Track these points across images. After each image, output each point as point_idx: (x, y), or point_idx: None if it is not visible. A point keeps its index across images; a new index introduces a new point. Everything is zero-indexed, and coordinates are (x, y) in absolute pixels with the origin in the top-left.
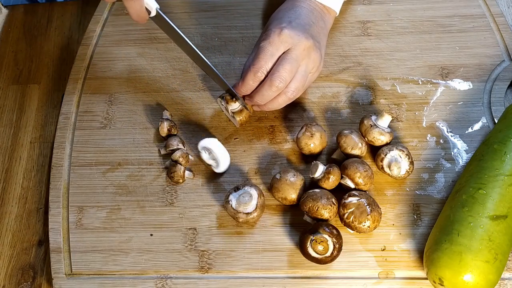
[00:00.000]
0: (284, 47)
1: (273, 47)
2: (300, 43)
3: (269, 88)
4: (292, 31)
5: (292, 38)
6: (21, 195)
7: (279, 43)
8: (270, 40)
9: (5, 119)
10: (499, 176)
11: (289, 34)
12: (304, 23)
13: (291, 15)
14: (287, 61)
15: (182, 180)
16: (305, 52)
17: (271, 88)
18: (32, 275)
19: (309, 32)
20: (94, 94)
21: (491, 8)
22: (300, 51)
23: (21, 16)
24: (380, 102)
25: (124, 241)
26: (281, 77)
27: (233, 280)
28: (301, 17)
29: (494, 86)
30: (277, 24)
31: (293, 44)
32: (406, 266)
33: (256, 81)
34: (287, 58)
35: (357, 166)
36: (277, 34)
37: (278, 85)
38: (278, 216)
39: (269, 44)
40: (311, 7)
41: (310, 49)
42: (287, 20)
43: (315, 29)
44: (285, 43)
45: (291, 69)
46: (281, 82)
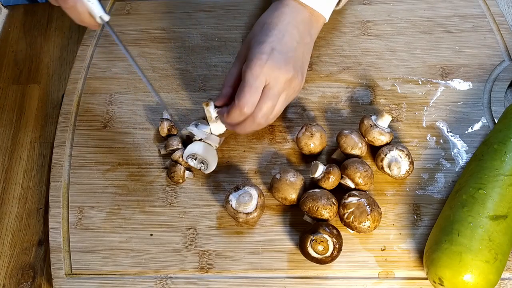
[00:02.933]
0: (266, 80)
1: (257, 81)
2: (280, 77)
3: (251, 123)
4: (273, 64)
5: (274, 72)
6: (21, 195)
7: (262, 76)
8: (253, 73)
9: (5, 119)
10: (499, 176)
11: (271, 67)
12: (287, 48)
13: (273, 38)
14: (269, 98)
15: (182, 180)
16: (286, 84)
17: (253, 123)
18: (32, 275)
19: (292, 59)
20: (94, 94)
21: (491, 8)
22: (281, 85)
23: (21, 16)
24: (380, 102)
25: (124, 241)
26: (263, 114)
27: (233, 280)
28: (284, 40)
29: (494, 86)
30: (258, 52)
31: (274, 78)
32: (406, 266)
33: (243, 117)
34: (269, 95)
35: (357, 166)
36: (260, 67)
37: (260, 121)
38: (278, 216)
39: (252, 77)
40: (298, 19)
41: (291, 80)
42: (268, 48)
43: (299, 52)
44: (267, 76)
45: (273, 105)
46: (263, 118)
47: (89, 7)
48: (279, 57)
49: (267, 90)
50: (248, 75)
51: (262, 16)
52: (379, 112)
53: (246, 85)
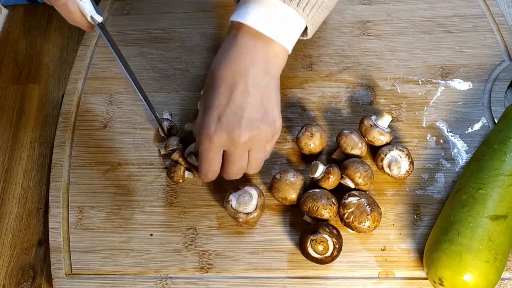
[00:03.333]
0: (222, 147)
1: (211, 153)
2: (236, 142)
3: (228, 178)
4: (222, 134)
5: (225, 141)
6: (21, 195)
7: (214, 147)
8: (205, 147)
9: (5, 119)
10: (499, 176)
11: (221, 137)
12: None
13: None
14: (232, 161)
15: (182, 180)
16: (248, 144)
17: (230, 178)
18: (32, 275)
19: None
20: (94, 94)
21: (491, 8)
22: (241, 148)
23: (21, 16)
24: (380, 102)
25: (124, 241)
26: (234, 174)
27: (233, 280)
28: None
29: (494, 86)
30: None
31: (229, 144)
32: (406, 266)
33: (211, 180)
34: (230, 160)
35: (357, 166)
36: (209, 141)
37: (235, 177)
38: (278, 216)
39: (205, 151)
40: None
41: (251, 139)
42: (215, 116)
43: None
44: (220, 146)
45: (240, 166)
46: (236, 175)
47: (80, 6)
48: (227, 123)
49: (228, 155)
50: (201, 148)
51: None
52: (379, 112)
53: (202, 158)
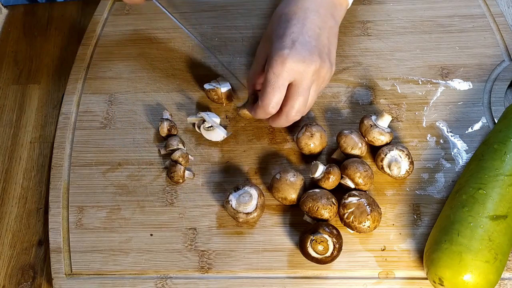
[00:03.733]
0: (291, 77)
1: (280, 79)
2: (308, 70)
3: (285, 120)
4: (297, 57)
5: (299, 66)
6: (21, 195)
7: (285, 73)
8: (275, 71)
9: (5, 119)
10: (499, 176)
11: (294, 62)
12: (309, 38)
13: (293, 29)
14: (299, 94)
15: (182, 180)
16: (315, 75)
17: (287, 120)
18: (32, 275)
19: (316, 48)
20: (94, 94)
21: (491, 8)
22: (309, 78)
23: (21, 16)
24: (380, 102)
25: (124, 241)
26: (296, 111)
27: (233, 280)
28: (305, 29)
29: (494, 86)
30: (279, 48)
31: (300, 73)
32: (406, 266)
33: (268, 115)
34: (299, 92)
35: (357, 166)
36: (281, 64)
37: (294, 118)
38: (278, 216)
39: (274, 76)
40: (318, 3)
41: (319, 70)
42: (289, 41)
43: (323, 38)
44: (291, 72)
45: (305, 100)
46: (296, 114)
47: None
48: (302, 49)
49: (295, 86)
50: (270, 74)
51: (278, 6)
52: (379, 112)
53: (268, 85)
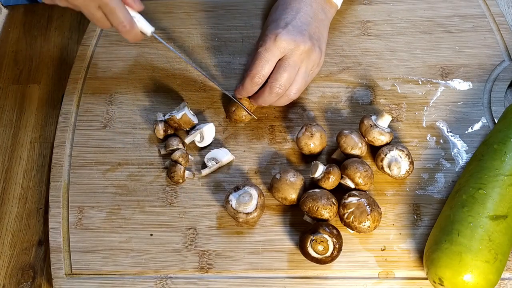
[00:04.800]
0: (280, 53)
1: (269, 54)
2: (297, 48)
3: (269, 94)
4: (288, 36)
5: (289, 44)
6: (21, 195)
7: (275, 49)
8: (266, 46)
9: (5, 119)
10: (499, 176)
11: (285, 39)
12: (301, 23)
13: (287, 16)
14: (285, 68)
15: (182, 180)
16: (304, 55)
17: (271, 94)
18: (32, 275)
19: (307, 32)
20: (94, 94)
21: (491, 8)
22: (298, 56)
23: (21, 16)
24: (380, 102)
25: (124, 241)
26: (279, 84)
27: (233, 280)
28: (298, 16)
29: (494, 86)
30: (273, 28)
31: (289, 50)
32: (406, 266)
33: (254, 86)
34: (284, 66)
35: (357, 166)
36: (273, 40)
37: (278, 91)
38: (278, 216)
39: (265, 50)
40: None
41: (308, 51)
42: (283, 23)
43: (314, 26)
44: (281, 49)
45: (290, 76)
46: (280, 88)
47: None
48: (294, 30)
49: (282, 61)
50: (261, 48)
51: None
52: (379, 112)
53: (257, 57)
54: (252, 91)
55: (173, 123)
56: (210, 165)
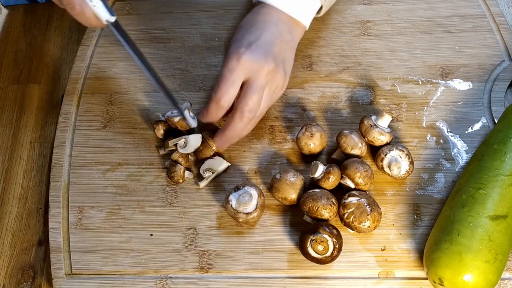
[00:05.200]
0: (244, 74)
1: (233, 75)
2: (261, 69)
3: (239, 121)
4: (251, 56)
5: (252, 65)
6: (21, 195)
7: (239, 70)
8: (229, 67)
9: (5, 119)
10: (499, 176)
11: (249, 60)
12: (265, 42)
13: (251, 35)
14: (253, 91)
15: (182, 180)
16: (268, 76)
17: (241, 120)
18: (32, 275)
19: (271, 52)
20: (94, 94)
21: (491, 8)
22: (263, 77)
23: (21, 16)
24: (380, 102)
25: (124, 241)
26: (250, 109)
27: (233, 280)
28: (262, 36)
29: (494, 86)
30: (236, 47)
31: (254, 71)
32: (406, 266)
33: (220, 110)
34: (251, 88)
35: (357, 166)
36: (236, 61)
37: (249, 116)
38: (278, 216)
39: (228, 71)
40: (277, 18)
41: (273, 72)
42: (246, 43)
43: (278, 47)
44: (245, 70)
45: (258, 99)
46: (250, 113)
47: (95, 11)
48: (257, 49)
49: (249, 83)
50: (225, 69)
51: (241, 21)
52: (379, 112)
53: (222, 79)
54: (218, 116)
55: (171, 123)
56: (207, 176)
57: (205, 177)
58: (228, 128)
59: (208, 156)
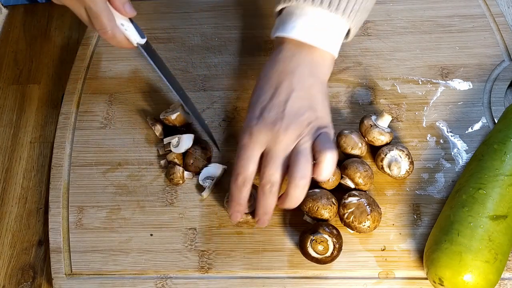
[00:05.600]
0: (261, 146)
1: (248, 151)
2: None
3: (262, 195)
4: (264, 126)
5: (266, 135)
6: (21, 195)
7: (252, 145)
8: (243, 143)
9: (5, 119)
10: (499, 176)
11: (261, 132)
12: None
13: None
14: (267, 161)
15: (182, 181)
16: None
17: (264, 194)
18: (32, 275)
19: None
20: (94, 94)
21: (491, 8)
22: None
23: (21, 16)
24: (380, 102)
25: (124, 241)
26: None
27: (233, 280)
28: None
29: (494, 86)
30: (248, 120)
31: (270, 140)
32: (406, 266)
33: (244, 190)
34: (266, 159)
35: (357, 166)
36: (248, 136)
37: (271, 189)
38: (278, 216)
39: (242, 148)
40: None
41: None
42: (258, 112)
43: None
44: (261, 142)
45: (277, 168)
46: (272, 186)
47: (126, 35)
48: (269, 116)
49: (265, 155)
50: (238, 147)
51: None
52: (379, 112)
53: (237, 158)
54: (244, 199)
55: (168, 122)
56: (208, 185)
57: (207, 187)
58: (257, 206)
59: (201, 167)
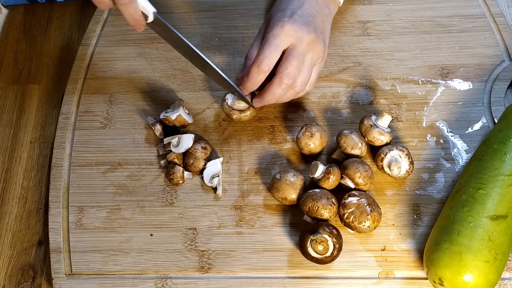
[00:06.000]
0: (287, 41)
1: (277, 40)
2: (303, 38)
3: (278, 86)
4: (295, 25)
5: (296, 32)
6: (21, 195)
7: (283, 35)
8: (274, 32)
9: (5, 119)
10: (499, 176)
11: (292, 28)
12: (307, 14)
13: (293, 6)
14: (293, 56)
15: (182, 181)
16: (309, 45)
17: (280, 85)
18: (32, 275)
19: (312, 24)
20: (94, 94)
21: (491, 8)
22: (305, 45)
23: (21, 16)
24: (380, 102)
25: (124, 241)
26: (289, 74)
27: (233, 280)
28: (303, 8)
29: (494, 86)
30: (280, 16)
31: (296, 38)
32: (406, 266)
33: (261, 74)
34: (293, 54)
35: (357, 166)
36: (280, 27)
37: (287, 82)
38: (278, 216)
39: (272, 36)
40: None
41: (313, 42)
42: (289, 13)
43: (318, 19)
44: (288, 37)
45: (298, 65)
46: (289, 79)
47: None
48: (300, 19)
49: (290, 50)
50: (269, 35)
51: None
52: (379, 112)
53: (265, 43)
54: (259, 82)
55: (168, 123)
56: (217, 182)
57: (218, 184)
58: (267, 92)
59: (201, 167)
